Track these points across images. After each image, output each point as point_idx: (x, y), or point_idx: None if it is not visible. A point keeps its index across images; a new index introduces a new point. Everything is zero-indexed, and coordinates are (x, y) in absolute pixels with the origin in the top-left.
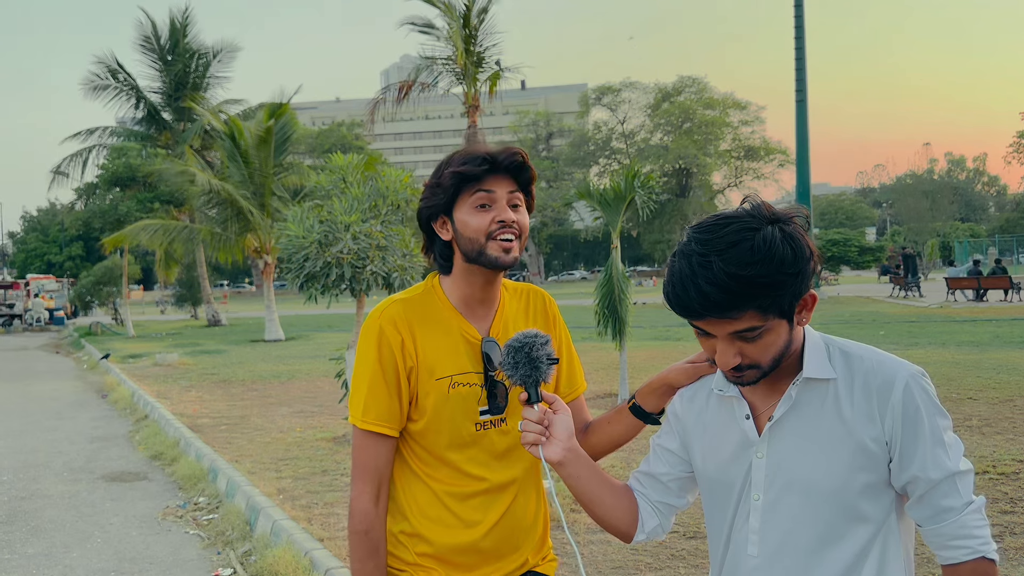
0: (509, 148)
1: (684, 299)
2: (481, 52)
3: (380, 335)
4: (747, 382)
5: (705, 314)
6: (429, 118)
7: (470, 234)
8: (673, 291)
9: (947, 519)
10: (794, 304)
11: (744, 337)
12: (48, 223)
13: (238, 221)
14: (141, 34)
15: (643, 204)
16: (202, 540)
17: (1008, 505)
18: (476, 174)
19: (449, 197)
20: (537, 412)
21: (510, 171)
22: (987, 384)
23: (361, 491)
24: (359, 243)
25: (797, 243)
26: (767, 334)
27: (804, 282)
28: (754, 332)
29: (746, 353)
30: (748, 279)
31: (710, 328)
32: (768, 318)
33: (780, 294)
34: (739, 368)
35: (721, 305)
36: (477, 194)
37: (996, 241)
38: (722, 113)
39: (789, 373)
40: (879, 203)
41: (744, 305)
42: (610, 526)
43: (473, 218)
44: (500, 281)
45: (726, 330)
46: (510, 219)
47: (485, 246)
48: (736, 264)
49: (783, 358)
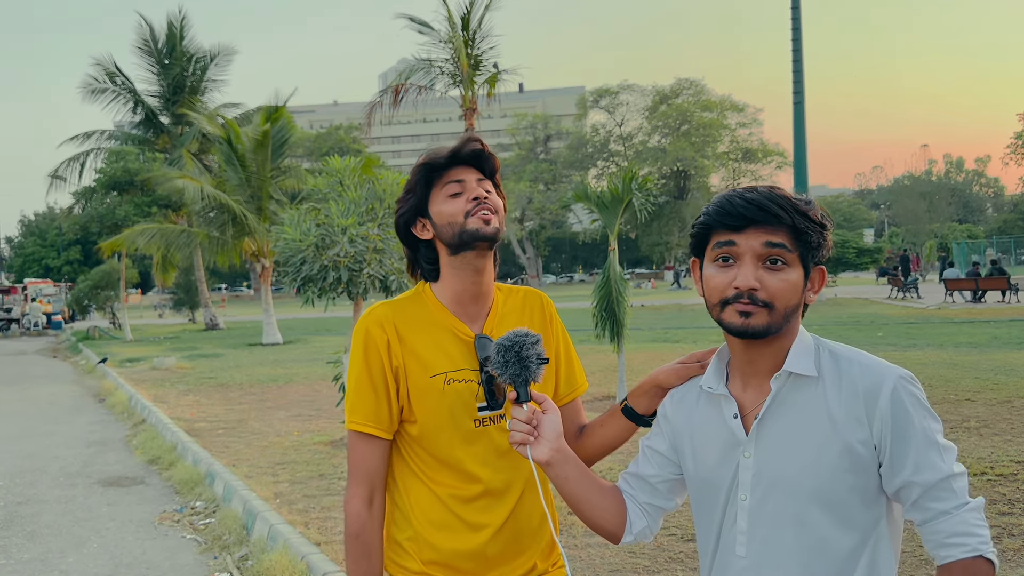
0: (469, 137)
1: (727, 206)
2: (479, 55)
3: (367, 336)
4: (754, 327)
5: (746, 217)
6: (427, 121)
7: (448, 220)
8: (716, 204)
9: (945, 518)
10: (813, 257)
11: (771, 259)
12: (46, 227)
13: (235, 225)
14: (139, 37)
15: (641, 206)
16: (199, 544)
17: (1006, 507)
18: (441, 163)
19: (421, 194)
20: (526, 411)
21: (473, 160)
22: (985, 385)
23: (354, 493)
24: (356, 246)
25: (825, 211)
26: (789, 269)
27: (824, 242)
28: (783, 254)
29: (765, 284)
30: (789, 200)
31: (743, 239)
32: (796, 249)
33: (809, 232)
34: (753, 298)
35: (765, 209)
36: (448, 185)
37: (994, 242)
38: (720, 115)
39: (775, 372)
40: (877, 205)
41: (783, 218)
42: (598, 527)
43: (448, 205)
44: (490, 274)
45: (760, 239)
46: (483, 195)
47: (465, 223)
48: (778, 192)
49: (790, 316)
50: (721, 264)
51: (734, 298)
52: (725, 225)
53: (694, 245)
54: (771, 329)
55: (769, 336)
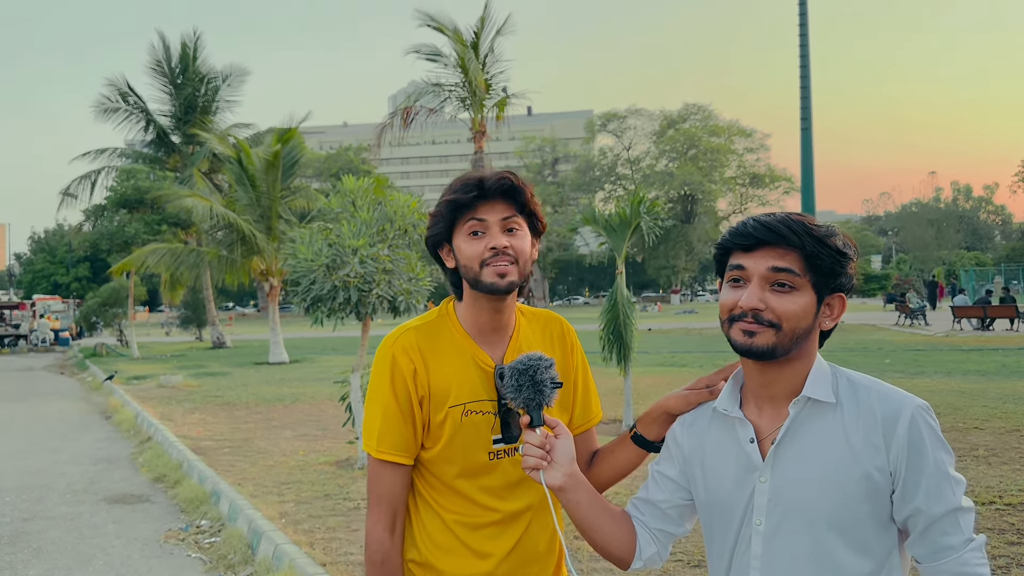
0: (500, 173)
1: (742, 228)
2: (488, 79)
3: (393, 364)
4: (758, 346)
5: (756, 237)
6: (436, 143)
7: (465, 262)
8: (736, 225)
9: (948, 556)
10: (829, 284)
11: (779, 283)
12: (56, 244)
13: (244, 244)
14: (152, 58)
15: (648, 230)
16: (204, 564)
17: (1015, 536)
18: (466, 201)
19: (447, 225)
20: (539, 436)
21: (502, 195)
22: (993, 414)
23: (377, 520)
24: (366, 267)
25: (849, 240)
26: (797, 294)
27: (844, 269)
28: (790, 278)
29: (771, 305)
30: (803, 224)
31: (752, 261)
32: (806, 275)
33: (822, 259)
34: (758, 318)
35: (775, 231)
36: (470, 222)
37: (1002, 270)
38: (727, 140)
39: (793, 397)
40: (885, 231)
41: (793, 241)
42: (608, 553)
43: (467, 246)
44: (511, 307)
45: (767, 263)
46: (502, 245)
47: (480, 273)
48: (795, 217)
49: (800, 340)
50: (733, 285)
51: (739, 316)
52: (737, 245)
53: (717, 267)
54: (777, 350)
55: (776, 357)
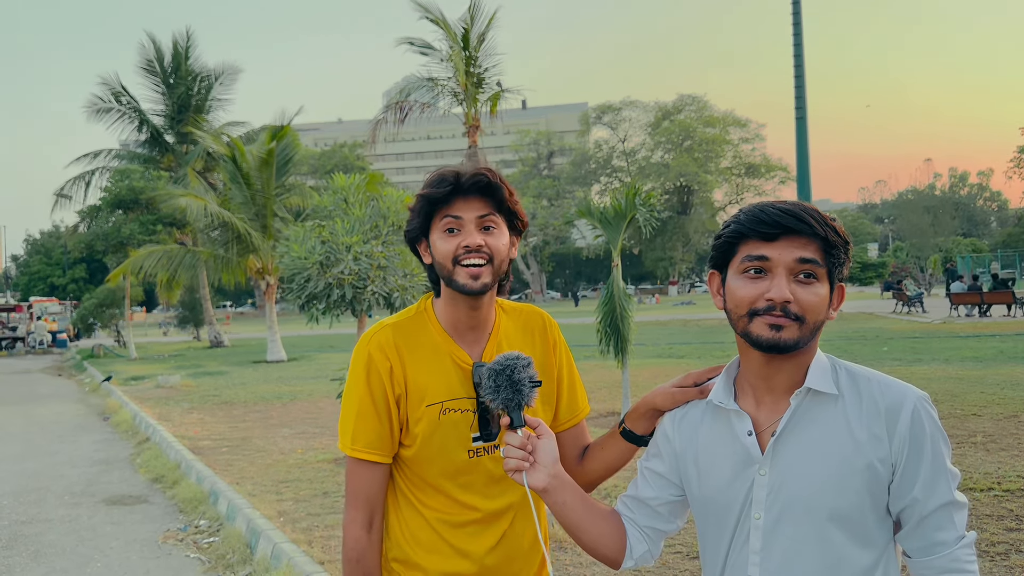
0: (477, 169)
1: (761, 215)
2: (481, 73)
3: (369, 361)
4: (785, 340)
5: (781, 225)
6: (431, 138)
7: (439, 259)
8: (747, 213)
9: (939, 552)
10: (838, 274)
11: (804, 273)
12: (51, 246)
13: (239, 243)
14: (144, 57)
15: (645, 222)
16: (203, 564)
17: (1014, 523)
18: (441, 196)
19: (423, 220)
20: (520, 437)
21: (479, 192)
22: (991, 400)
23: (353, 518)
24: (360, 264)
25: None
26: (818, 285)
27: (848, 259)
28: (814, 269)
29: (798, 297)
30: (818, 213)
31: (777, 252)
32: (825, 264)
33: (838, 248)
34: (786, 311)
35: (799, 219)
36: (445, 219)
37: (999, 256)
38: (722, 131)
39: (794, 389)
40: (881, 219)
41: (814, 230)
42: (597, 553)
43: (442, 243)
44: (490, 304)
45: (794, 254)
46: (475, 243)
47: (453, 272)
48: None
49: (817, 330)
50: (753, 276)
51: (765, 310)
52: (759, 233)
53: (718, 256)
54: (800, 343)
55: (798, 350)
